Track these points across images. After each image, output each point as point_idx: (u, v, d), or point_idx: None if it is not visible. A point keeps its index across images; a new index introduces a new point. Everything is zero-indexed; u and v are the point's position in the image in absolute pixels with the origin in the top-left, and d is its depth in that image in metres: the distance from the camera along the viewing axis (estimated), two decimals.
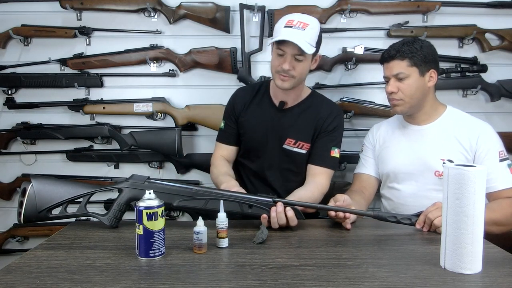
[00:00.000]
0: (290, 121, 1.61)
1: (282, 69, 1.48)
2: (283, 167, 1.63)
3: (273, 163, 1.62)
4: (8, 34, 2.03)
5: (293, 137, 1.59)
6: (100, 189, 1.26)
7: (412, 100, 1.52)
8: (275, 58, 1.51)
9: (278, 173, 1.63)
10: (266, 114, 1.62)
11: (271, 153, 1.61)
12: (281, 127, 1.60)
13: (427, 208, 1.27)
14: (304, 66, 1.50)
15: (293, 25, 1.45)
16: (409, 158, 1.57)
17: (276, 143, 1.61)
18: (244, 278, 0.93)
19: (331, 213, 1.27)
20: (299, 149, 1.60)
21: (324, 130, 1.59)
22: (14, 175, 2.13)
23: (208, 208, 1.21)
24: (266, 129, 1.61)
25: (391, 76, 1.52)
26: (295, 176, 1.64)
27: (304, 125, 1.60)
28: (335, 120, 1.60)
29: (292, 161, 1.62)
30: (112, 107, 2.07)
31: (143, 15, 2.07)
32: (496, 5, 2.05)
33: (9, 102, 2.09)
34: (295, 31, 1.44)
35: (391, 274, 0.95)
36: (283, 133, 1.60)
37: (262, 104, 1.64)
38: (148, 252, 1.02)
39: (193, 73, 2.11)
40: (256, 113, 1.64)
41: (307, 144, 1.59)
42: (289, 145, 1.60)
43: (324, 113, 1.60)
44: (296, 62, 1.48)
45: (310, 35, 1.46)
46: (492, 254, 1.07)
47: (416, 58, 1.49)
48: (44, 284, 0.90)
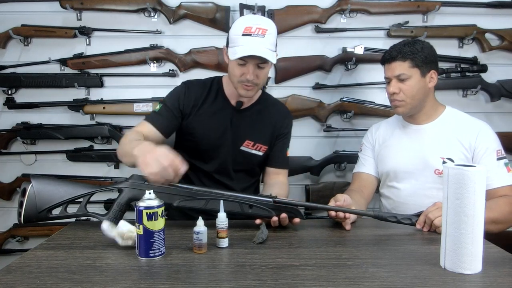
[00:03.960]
0: (248, 122, 1.57)
1: (246, 79, 1.43)
2: (236, 168, 1.59)
3: (228, 164, 1.58)
4: (8, 34, 2.03)
5: (252, 139, 1.57)
6: (100, 189, 1.26)
7: (413, 101, 1.52)
8: (236, 67, 1.43)
9: (234, 174, 1.60)
10: (223, 114, 1.56)
11: (226, 154, 1.56)
12: (238, 128, 1.57)
13: (427, 208, 1.27)
14: (266, 71, 1.47)
15: (252, 32, 1.39)
16: (409, 156, 1.57)
17: (234, 145, 1.56)
18: (244, 278, 0.93)
19: (331, 213, 1.27)
20: (256, 151, 1.58)
21: (281, 133, 1.62)
22: (14, 175, 2.13)
23: (209, 209, 1.21)
24: (224, 129, 1.56)
25: (392, 77, 1.52)
26: (249, 176, 1.64)
27: (261, 127, 1.59)
28: (289, 123, 1.65)
29: (247, 163, 1.60)
30: (112, 107, 2.07)
31: (143, 15, 2.07)
32: (496, 5, 2.06)
33: (9, 102, 2.09)
34: (255, 39, 1.39)
35: (391, 274, 0.95)
36: (241, 134, 1.57)
37: (217, 103, 1.57)
38: (148, 252, 1.02)
39: (193, 73, 2.11)
40: (210, 112, 1.56)
41: (264, 146, 1.59)
42: (247, 147, 1.57)
43: (280, 117, 1.63)
44: (259, 70, 1.43)
45: (270, 41, 1.41)
46: (492, 254, 1.07)
47: (417, 59, 1.49)
48: (44, 284, 0.89)
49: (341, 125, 2.14)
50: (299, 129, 2.14)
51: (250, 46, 1.39)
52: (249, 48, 1.38)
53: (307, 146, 2.17)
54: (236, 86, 1.47)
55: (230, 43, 1.45)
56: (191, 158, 1.57)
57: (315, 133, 2.18)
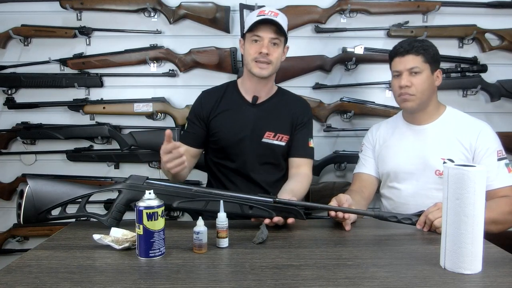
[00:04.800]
0: (266, 114, 1.63)
1: (260, 55, 1.52)
2: (264, 161, 1.63)
3: (254, 158, 1.62)
4: (8, 34, 2.03)
5: (272, 129, 1.62)
6: (98, 190, 1.25)
7: (423, 96, 1.52)
8: (251, 46, 1.54)
9: (260, 168, 1.63)
10: (240, 110, 1.63)
11: (251, 148, 1.61)
12: (258, 121, 1.62)
13: (427, 209, 1.27)
14: (279, 51, 1.56)
15: (265, 13, 1.51)
16: (409, 157, 1.57)
17: (255, 138, 1.61)
18: (244, 278, 0.93)
19: (331, 213, 1.27)
20: (278, 142, 1.62)
21: (300, 122, 1.66)
22: (14, 175, 2.13)
23: (209, 210, 1.21)
24: (243, 125, 1.61)
25: (405, 70, 1.51)
26: (276, 169, 1.67)
27: (280, 118, 1.63)
28: (308, 112, 1.70)
29: (272, 154, 1.64)
30: (112, 107, 2.08)
31: (143, 15, 2.07)
32: (496, 5, 2.06)
33: (9, 102, 2.09)
34: (268, 18, 1.51)
35: (391, 274, 0.95)
36: (261, 127, 1.62)
37: (233, 102, 1.64)
38: (148, 252, 1.02)
39: (193, 73, 2.12)
40: (228, 111, 1.63)
41: (286, 136, 1.63)
42: (268, 138, 1.61)
43: (298, 106, 1.68)
44: (273, 47, 1.53)
45: (281, 21, 1.52)
46: (492, 254, 1.07)
47: (428, 55, 1.51)
48: (44, 284, 0.89)
49: (341, 125, 2.14)
50: None
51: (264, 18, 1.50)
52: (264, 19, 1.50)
53: None
54: (251, 66, 1.55)
55: (246, 27, 1.56)
56: (219, 159, 1.65)
57: (315, 133, 2.14)
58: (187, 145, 1.61)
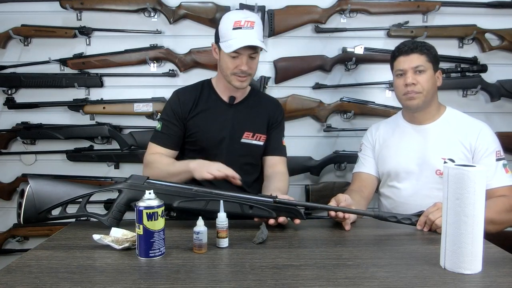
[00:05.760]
0: (243, 114, 1.63)
1: (240, 71, 1.50)
2: (243, 162, 1.62)
3: (234, 158, 1.60)
4: (8, 34, 2.03)
5: (250, 129, 1.62)
6: (98, 190, 1.25)
7: (428, 94, 1.53)
8: (229, 60, 1.50)
9: (239, 168, 1.58)
10: (218, 111, 1.61)
11: (229, 148, 1.60)
12: (236, 121, 1.61)
13: (427, 209, 1.27)
14: (257, 61, 1.55)
15: (241, 26, 1.47)
16: (410, 156, 1.57)
17: (234, 138, 1.61)
18: (244, 278, 0.93)
19: (331, 213, 1.27)
20: (257, 141, 1.63)
21: (275, 121, 1.67)
22: (14, 175, 2.13)
23: (209, 209, 1.20)
24: (221, 125, 1.60)
25: (410, 68, 1.52)
26: (254, 170, 1.67)
27: (257, 117, 1.64)
28: (282, 112, 1.72)
29: (251, 155, 1.64)
30: (112, 107, 2.08)
31: (143, 15, 2.07)
32: (496, 5, 2.06)
33: (9, 102, 2.09)
34: (246, 32, 1.46)
35: (391, 274, 0.95)
36: (240, 127, 1.61)
37: (211, 102, 1.62)
38: (148, 252, 1.02)
39: (193, 73, 2.11)
40: (207, 111, 1.60)
41: (263, 136, 1.64)
42: (247, 138, 1.62)
43: (272, 106, 1.70)
44: (251, 60, 1.51)
45: (258, 32, 1.50)
46: (492, 254, 1.07)
47: (431, 55, 1.54)
48: (44, 284, 0.89)
49: (341, 125, 2.15)
50: (299, 129, 2.15)
51: (242, 38, 1.46)
52: (242, 40, 1.45)
53: (307, 146, 2.17)
54: (230, 79, 1.53)
55: (221, 38, 1.51)
56: None
57: (315, 133, 2.18)
58: (164, 147, 1.58)
